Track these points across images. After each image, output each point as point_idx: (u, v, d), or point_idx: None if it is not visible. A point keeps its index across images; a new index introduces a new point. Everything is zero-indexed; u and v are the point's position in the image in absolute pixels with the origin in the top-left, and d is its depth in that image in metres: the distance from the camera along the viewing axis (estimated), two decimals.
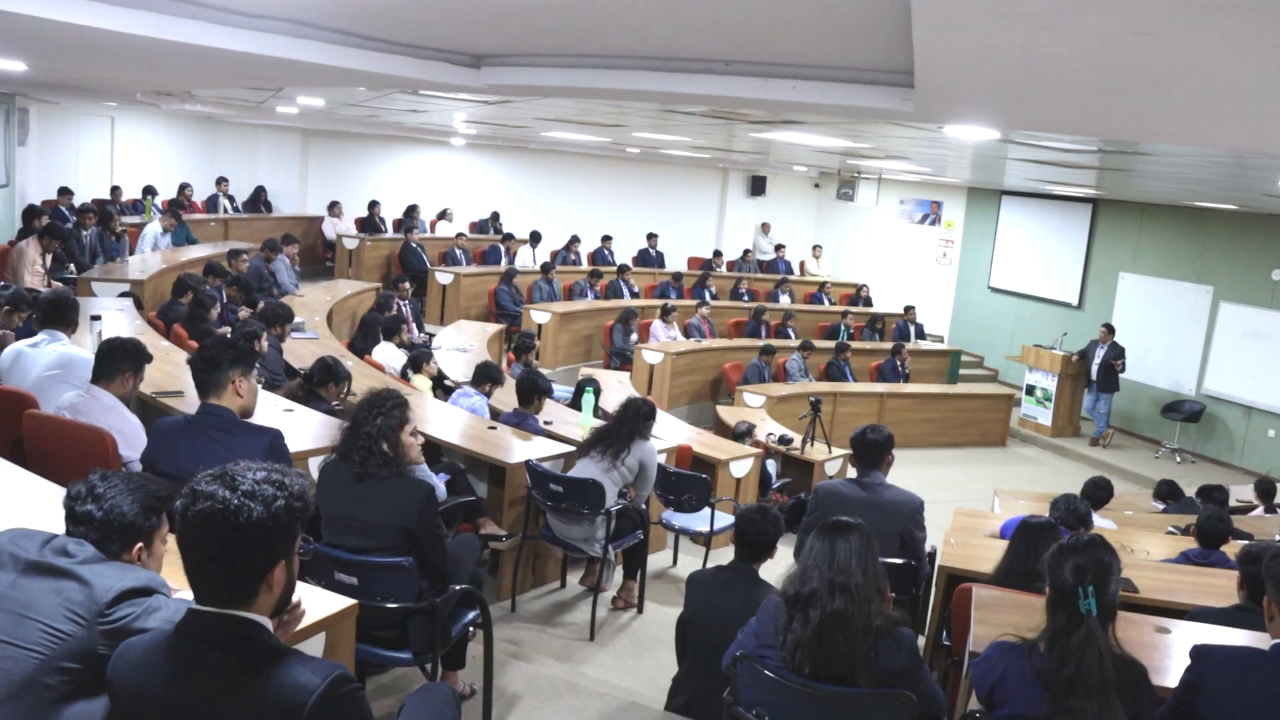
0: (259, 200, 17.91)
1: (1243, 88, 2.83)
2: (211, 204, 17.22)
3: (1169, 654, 3.85)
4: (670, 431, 9.38)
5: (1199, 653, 3.15)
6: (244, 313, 10.10)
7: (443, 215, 19.02)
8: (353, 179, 18.78)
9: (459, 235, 17.60)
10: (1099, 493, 7.73)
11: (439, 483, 5.93)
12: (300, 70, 5.15)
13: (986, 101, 3.88)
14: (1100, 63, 2.69)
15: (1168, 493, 10.80)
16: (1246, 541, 6.00)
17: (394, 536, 4.28)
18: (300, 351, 9.26)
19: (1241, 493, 10.92)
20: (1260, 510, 10.32)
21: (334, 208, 17.59)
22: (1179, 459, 15.60)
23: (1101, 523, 7.64)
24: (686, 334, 15.49)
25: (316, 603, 3.23)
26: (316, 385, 6.94)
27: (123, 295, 9.72)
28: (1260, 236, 15.17)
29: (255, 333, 8.02)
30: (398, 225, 18.11)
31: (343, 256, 16.70)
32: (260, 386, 4.95)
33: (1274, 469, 14.16)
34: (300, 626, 2.78)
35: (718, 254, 20.92)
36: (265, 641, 2.16)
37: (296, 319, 10.29)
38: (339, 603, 3.29)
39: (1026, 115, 4.50)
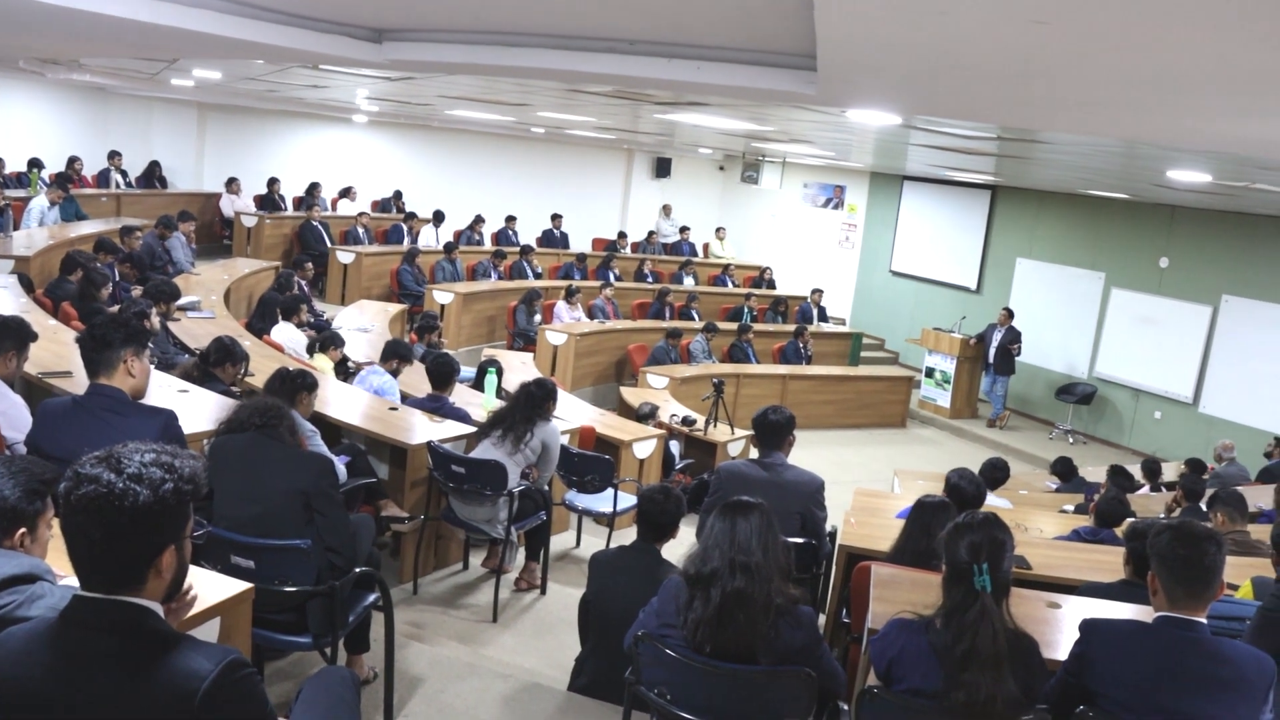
0: (153, 175, 17.43)
1: (1133, 78, 2.90)
2: (103, 179, 16.67)
3: (1060, 628, 3.95)
4: (573, 413, 9.37)
5: (1087, 626, 3.24)
6: (137, 291, 9.83)
7: (345, 193, 18.71)
8: (252, 155, 18.39)
9: (360, 214, 17.32)
10: (996, 474, 7.91)
11: (339, 463, 5.86)
12: (194, 41, 5.01)
13: (887, 86, 3.92)
14: (997, 50, 2.73)
15: (1062, 471, 11.11)
16: (1133, 519, 6.17)
17: (292, 503, 4.22)
18: (196, 331, 9.04)
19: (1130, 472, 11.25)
20: (1147, 489, 10.65)
21: (232, 184, 17.20)
22: (1072, 440, 16.04)
23: (997, 502, 7.81)
24: (590, 315, 15.47)
25: (211, 587, 3.17)
26: (213, 365, 6.78)
27: (12, 273, 9.40)
28: (1149, 225, 15.65)
29: (143, 310, 7.80)
30: (298, 203, 17.80)
31: (241, 234, 16.33)
32: (153, 367, 4.83)
33: (1160, 449, 14.63)
34: (193, 611, 2.72)
35: (622, 235, 20.93)
36: (155, 628, 2.09)
37: (191, 297, 10.05)
38: (234, 586, 3.23)
39: (926, 101, 4.56)
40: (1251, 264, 14.46)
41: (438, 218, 18.15)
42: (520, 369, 11.24)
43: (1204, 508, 7.79)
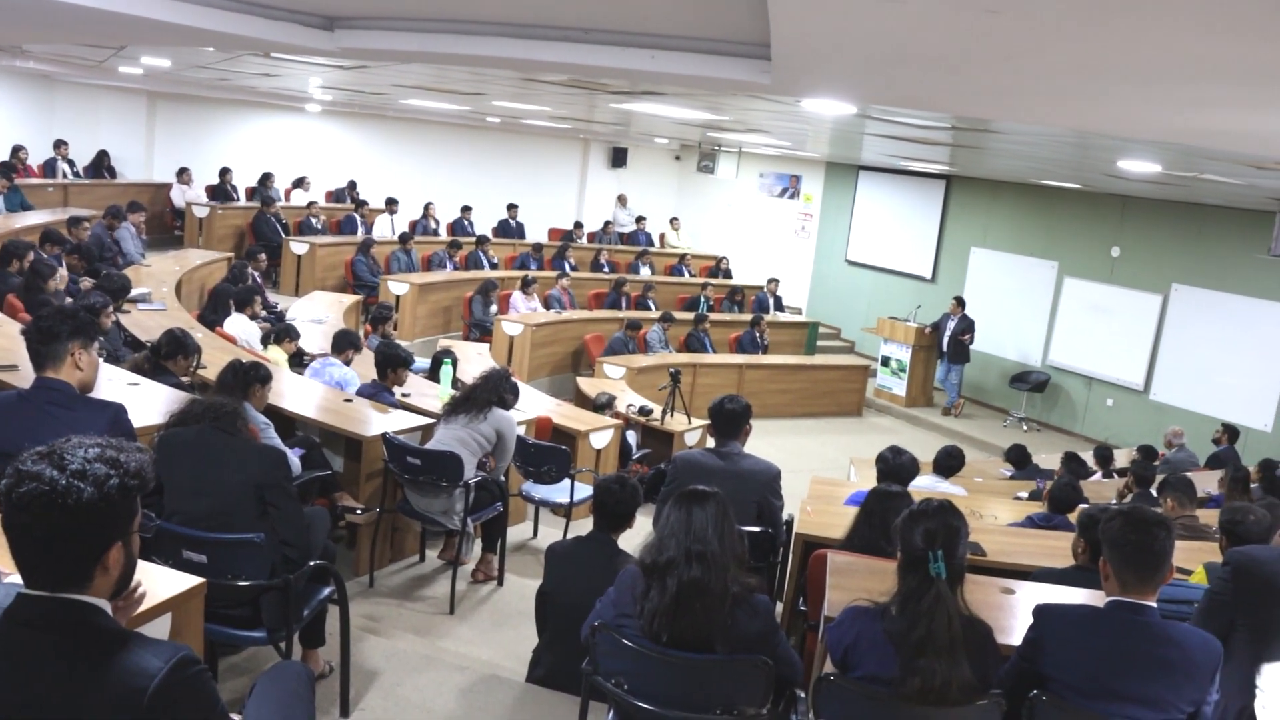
0: (101, 165, 17.14)
1: (1085, 68, 2.91)
2: (49, 168, 16.39)
3: (1014, 613, 4.00)
4: (530, 403, 9.33)
5: (1040, 612, 3.27)
6: (86, 283, 9.68)
7: (299, 183, 18.51)
8: (203, 145, 18.13)
9: (311, 204, 17.14)
10: (951, 462, 7.96)
11: (293, 456, 5.81)
12: (141, 27, 4.92)
13: (841, 75, 3.93)
14: (950, 40, 2.74)
15: (1016, 458, 11.22)
16: (1085, 505, 6.24)
17: (244, 497, 4.18)
18: (147, 324, 8.92)
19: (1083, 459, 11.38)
20: (1099, 475, 10.78)
21: (183, 174, 16.97)
22: (1026, 427, 16.20)
23: (952, 489, 7.87)
24: (547, 305, 15.44)
25: (162, 582, 3.13)
26: (164, 358, 6.69)
27: None
28: (1101, 215, 15.83)
29: (98, 305, 7.67)
30: (251, 193, 17.59)
31: (192, 225, 16.14)
32: (102, 360, 4.75)
33: (1112, 436, 14.81)
34: (143, 608, 2.68)
35: (578, 225, 20.88)
36: (103, 625, 2.06)
37: (142, 289, 9.92)
38: (186, 581, 3.19)
39: (880, 90, 4.57)
40: (1200, 253, 14.66)
41: (390, 204, 18.00)
42: (476, 360, 11.20)
43: (1154, 493, 7.90)
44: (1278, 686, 3.31)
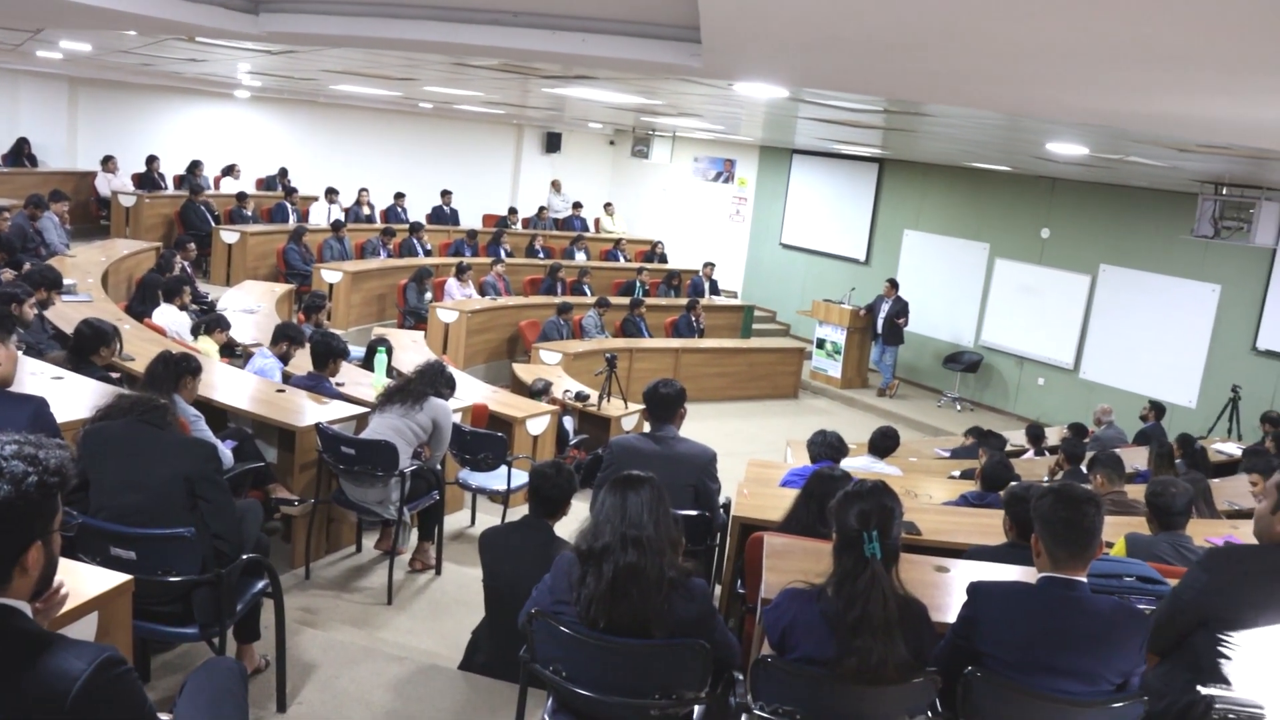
0: (21, 153, 16.71)
1: (1012, 51, 2.93)
2: None
3: (949, 591, 4.04)
4: (466, 390, 9.28)
5: (974, 589, 3.31)
6: (7, 274, 9.45)
7: (228, 171, 18.21)
8: (129, 132, 17.75)
9: (239, 194, 16.86)
10: (886, 442, 8.04)
11: (226, 448, 5.72)
12: (59, 9, 4.81)
13: (771, 58, 3.92)
14: (879, 21, 2.74)
15: (978, 435, 11.27)
16: (1015, 483, 6.33)
17: (174, 491, 4.10)
18: (72, 316, 8.69)
19: (1015, 438, 11.54)
20: (1031, 454, 10.94)
21: (108, 162, 16.58)
22: (959, 407, 16.41)
23: (888, 469, 7.94)
24: (482, 292, 15.34)
25: (88, 581, 3.06)
26: (88, 353, 6.54)
27: None
28: (1031, 197, 16.06)
29: (16, 296, 7.49)
30: (179, 182, 17.26)
31: (119, 214, 15.78)
32: (21, 354, 4.64)
33: (1043, 415, 15.04)
34: (66, 608, 2.62)
35: (513, 211, 20.77)
36: (22, 628, 2.01)
37: (67, 280, 9.71)
38: (112, 579, 3.12)
39: (811, 73, 4.57)
40: (1127, 234, 14.93)
41: (330, 194, 17.81)
42: (411, 348, 11.11)
43: (1085, 470, 8.03)
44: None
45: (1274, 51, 2.39)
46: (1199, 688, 3.33)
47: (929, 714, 3.23)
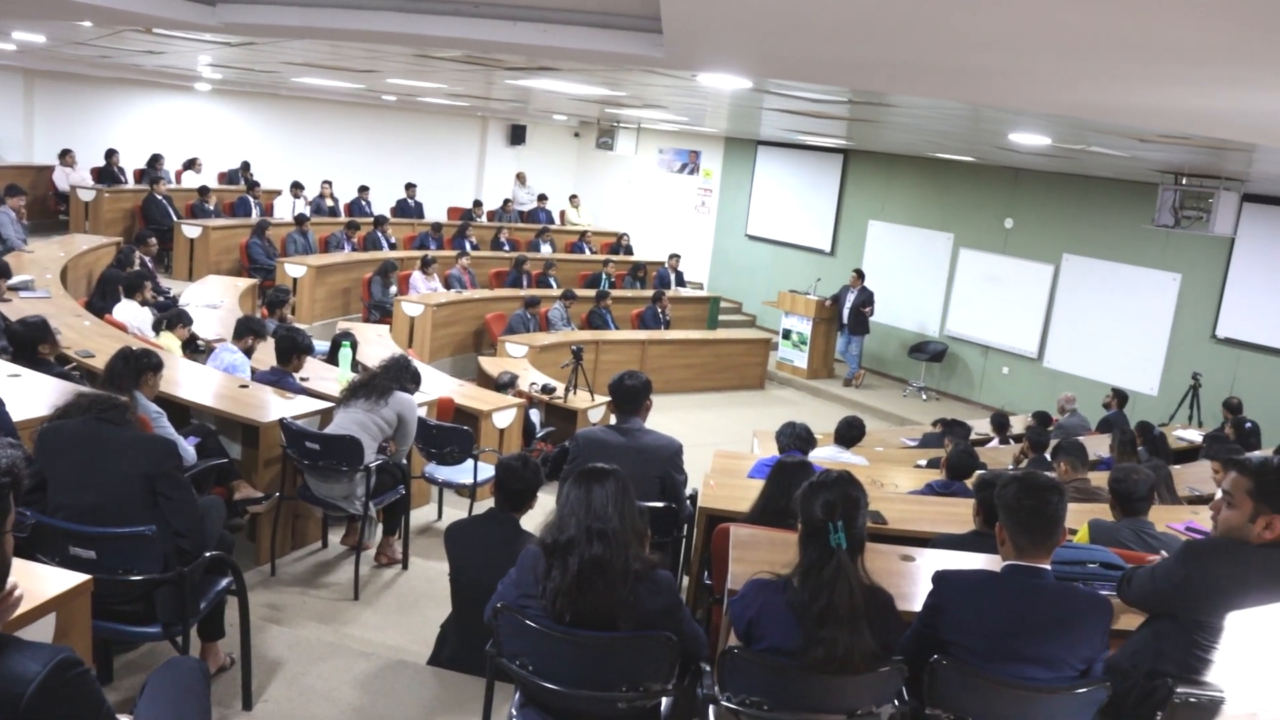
0: None
1: (976, 41, 2.93)
2: None
3: (914, 580, 4.06)
4: (432, 384, 9.23)
5: (939, 578, 3.33)
6: None
7: (190, 165, 18.02)
8: (87, 125, 17.50)
9: (201, 188, 16.68)
10: (852, 432, 8.07)
11: (188, 445, 5.67)
12: None
13: (733, 48, 3.92)
14: (840, 11, 2.74)
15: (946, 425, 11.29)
16: (981, 471, 6.37)
17: (134, 488, 4.06)
18: (30, 313, 8.62)
19: (980, 426, 11.61)
20: (995, 442, 11.01)
21: (66, 156, 16.35)
22: (925, 397, 16.49)
23: (854, 459, 7.97)
24: (447, 285, 15.27)
25: (45, 581, 3.02)
26: (32, 350, 6.45)
27: None
28: (994, 187, 16.16)
29: None
30: (139, 176, 17.07)
31: (78, 209, 15.59)
32: None
33: (1007, 404, 15.15)
34: (23, 610, 2.57)
35: (478, 204, 20.70)
36: None
37: (23, 276, 9.59)
38: (70, 579, 3.09)
39: (773, 63, 4.56)
40: (1089, 224, 15.04)
41: (295, 188, 17.67)
42: (376, 342, 11.05)
43: (1049, 458, 8.09)
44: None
45: (1229, 41, 2.40)
46: (1161, 673, 3.36)
47: (895, 702, 3.25)
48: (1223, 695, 3.13)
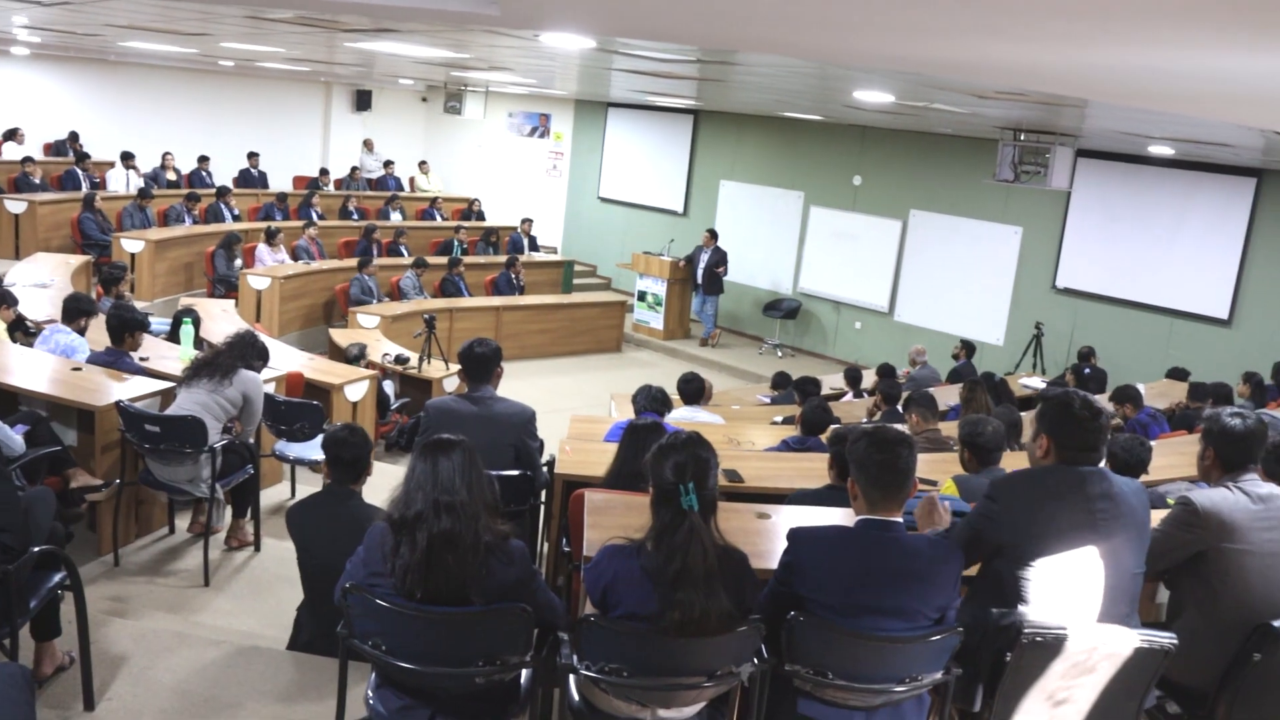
0: None
1: None
2: None
3: (771, 538, 4.08)
4: (280, 359, 8.95)
5: (794, 535, 3.34)
6: None
7: (11, 135, 17.08)
8: None
9: (25, 160, 15.77)
10: (690, 387, 8.11)
11: (15, 434, 5.38)
12: None
13: (570, 5, 3.84)
14: None
15: (779, 383, 11.52)
16: (835, 425, 6.45)
17: None
18: None
19: (834, 381, 11.80)
20: (850, 396, 11.21)
21: None
22: (780, 354, 16.73)
23: (710, 418, 8.01)
24: (294, 256, 14.85)
25: None
26: None
27: None
28: (842, 145, 16.44)
29: None
30: None
31: None
32: None
33: (861, 358, 15.47)
34: None
35: (324, 172, 20.18)
36: None
37: None
38: None
39: (612, 21, 4.50)
40: (935, 180, 15.44)
41: (126, 158, 16.92)
42: (221, 317, 10.68)
43: (901, 410, 8.27)
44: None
45: None
46: (1007, 613, 3.44)
47: (755, 661, 3.25)
48: (1066, 632, 3.21)
